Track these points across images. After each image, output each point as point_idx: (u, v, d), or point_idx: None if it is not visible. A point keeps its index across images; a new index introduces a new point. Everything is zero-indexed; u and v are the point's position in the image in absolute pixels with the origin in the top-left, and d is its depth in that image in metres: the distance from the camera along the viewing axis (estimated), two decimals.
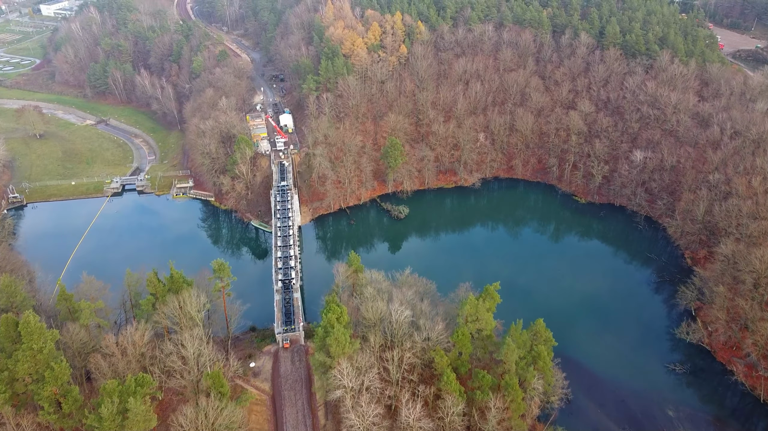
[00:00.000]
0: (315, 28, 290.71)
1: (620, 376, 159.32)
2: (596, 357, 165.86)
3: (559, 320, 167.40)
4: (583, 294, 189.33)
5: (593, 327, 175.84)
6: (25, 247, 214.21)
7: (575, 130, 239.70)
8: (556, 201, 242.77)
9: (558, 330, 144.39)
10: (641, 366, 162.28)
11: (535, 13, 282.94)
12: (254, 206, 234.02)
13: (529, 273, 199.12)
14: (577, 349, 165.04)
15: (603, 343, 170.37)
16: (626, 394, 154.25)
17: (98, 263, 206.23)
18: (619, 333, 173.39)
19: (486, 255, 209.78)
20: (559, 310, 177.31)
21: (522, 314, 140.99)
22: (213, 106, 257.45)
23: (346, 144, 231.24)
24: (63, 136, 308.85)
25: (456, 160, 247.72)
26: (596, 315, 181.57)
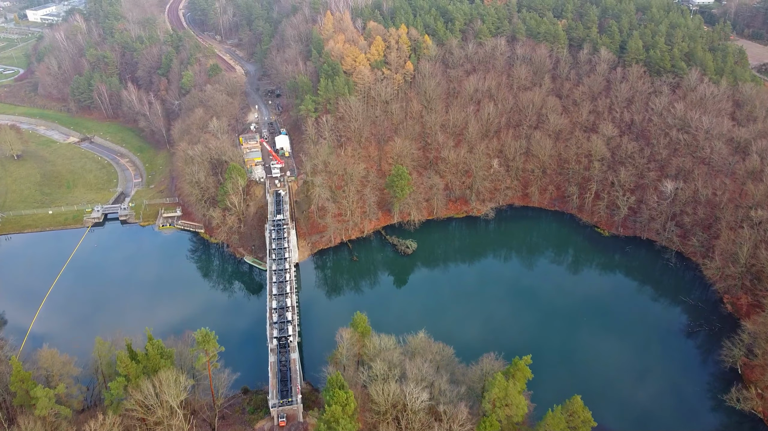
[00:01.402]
0: (313, 41, 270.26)
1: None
2: (634, 425, 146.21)
3: (586, 377, 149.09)
4: (613, 344, 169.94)
5: (628, 389, 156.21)
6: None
7: (597, 156, 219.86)
8: (577, 232, 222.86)
9: (587, 392, 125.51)
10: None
11: (550, 26, 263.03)
12: (247, 240, 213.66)
13: (552, 319, 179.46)
14: (610, 417, 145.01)
15: (640, 409, 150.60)
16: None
17: (73, 308, 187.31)
18: (658, 397, 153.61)
19: (504, 298, 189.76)
20: (586, 365, 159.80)
21: (546, 370, 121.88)
22: (203, 128, 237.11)
23: (347, 172, 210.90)
24: (43, 156, 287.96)
25: (467, 188, 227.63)
26: (629, 371, 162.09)
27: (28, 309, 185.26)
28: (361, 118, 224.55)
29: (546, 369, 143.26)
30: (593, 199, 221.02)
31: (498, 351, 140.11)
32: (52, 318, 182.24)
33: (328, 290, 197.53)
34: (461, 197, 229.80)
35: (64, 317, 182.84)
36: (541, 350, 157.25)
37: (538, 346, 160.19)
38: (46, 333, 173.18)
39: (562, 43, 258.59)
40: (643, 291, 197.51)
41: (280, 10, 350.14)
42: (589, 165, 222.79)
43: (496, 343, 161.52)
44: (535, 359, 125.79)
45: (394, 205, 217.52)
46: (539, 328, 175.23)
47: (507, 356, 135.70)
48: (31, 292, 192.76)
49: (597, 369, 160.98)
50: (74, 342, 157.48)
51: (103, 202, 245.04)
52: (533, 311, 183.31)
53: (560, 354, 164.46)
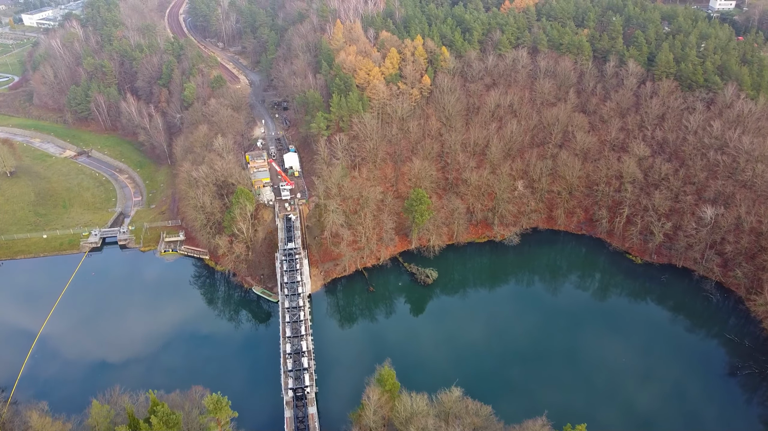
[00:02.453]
0: (322, 51, 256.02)
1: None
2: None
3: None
4: (655, 387, 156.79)
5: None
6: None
7: (629, 178, 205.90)
8: (607, 259, 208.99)
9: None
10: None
11: (573, 36, 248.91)
12: (256, 268, 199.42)
13: (587, 358, 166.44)
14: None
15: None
16: None
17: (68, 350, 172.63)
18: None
19: (535, 336, 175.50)
20: (629, 409, 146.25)
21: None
22: (207, 146, 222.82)
23: (363, 196, 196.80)
24: (38, 173, 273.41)
25: (489, 211, 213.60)
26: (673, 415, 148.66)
27: (18, 350, 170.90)
28: (377, 137, 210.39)
29: (578, 401, 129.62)
30: (624, 223, 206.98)
31: (537, 404, 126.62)
32: (44, 362, 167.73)
33: (344, 325, 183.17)
34: (482, 220, 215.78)
35: (58, 361, 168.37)
36: (580, 396, 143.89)
37: (578, 393, 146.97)
38: (37, 382, 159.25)
39: (586, 54, 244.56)
40: (681, 324, 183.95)
41: (285, 17, 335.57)
42: (620, 187, 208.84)
43: (534, 395, 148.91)
44: (563, 389, 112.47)
45: (413, 231, 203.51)
46: (574, 370, 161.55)
47: (547, 407, 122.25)
48: (22, 330, 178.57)
49: (640, 411, 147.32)
50: (69, 398, 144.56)
51: (101, 223, 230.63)
52: (567, 351, 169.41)
53: (595, 389, 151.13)
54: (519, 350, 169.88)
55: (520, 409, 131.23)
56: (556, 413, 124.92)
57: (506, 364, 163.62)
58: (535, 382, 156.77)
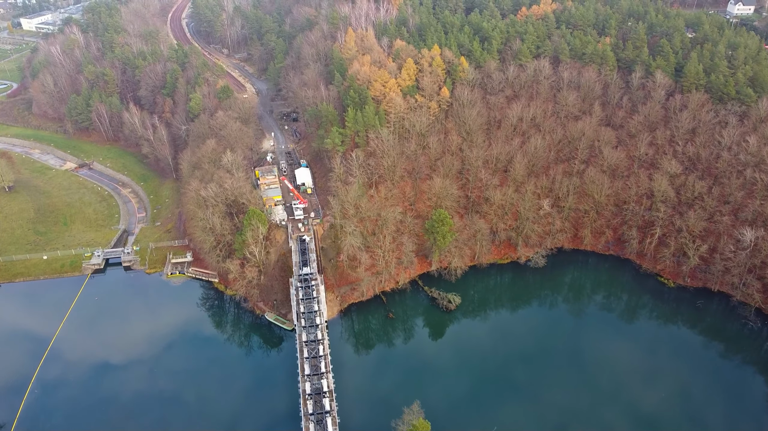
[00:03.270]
0: (334, 61, 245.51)
1: None
2: None
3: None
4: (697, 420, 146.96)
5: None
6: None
7: (661, 196, 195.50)
8: (637, 281, 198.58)
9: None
10: None
11: (596, 45, 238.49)
12: (268, 293, 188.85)
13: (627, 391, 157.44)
14: None
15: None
16: None
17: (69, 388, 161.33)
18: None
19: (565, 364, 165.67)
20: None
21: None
22: (215, 162, 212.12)
23: (382, 217, 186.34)
24: (37, 187, 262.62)
25: (513, 230, 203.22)
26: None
27: (18, 383, 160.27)
28: (394, 154, 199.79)
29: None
30: (656, 244, 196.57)
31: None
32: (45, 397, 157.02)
33: (364, 356, 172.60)
34: (505, 240, 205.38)
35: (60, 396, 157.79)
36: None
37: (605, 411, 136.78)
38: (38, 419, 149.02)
39: (610, 65, 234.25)
40: (718, 352, 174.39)
41: (292, 23, 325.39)
42: (650, 206, 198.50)
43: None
44: None
45: (434, 253, 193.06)
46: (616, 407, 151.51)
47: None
48: (23, 361, 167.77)
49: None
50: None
51: (103, 243, 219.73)
52: (606, 385, 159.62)
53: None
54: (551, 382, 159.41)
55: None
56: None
57: (539, 401, 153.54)
58: (574, 419, 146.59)
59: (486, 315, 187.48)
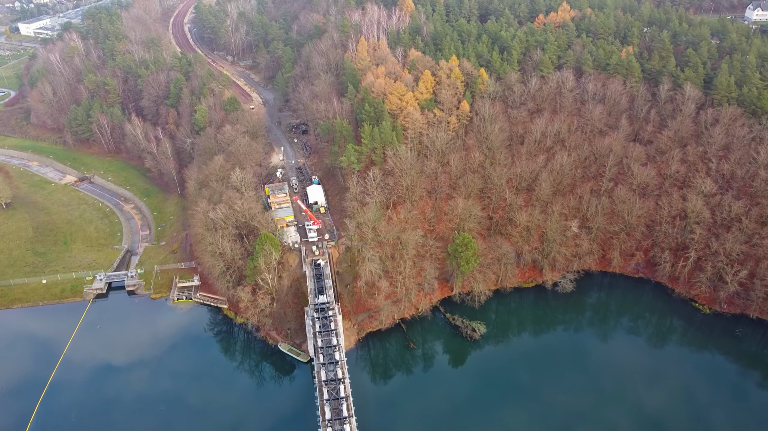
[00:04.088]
0: (347, 72, 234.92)
1: None
2: None
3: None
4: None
5: None
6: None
7: (695, 218, 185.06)
8: (670, 307, 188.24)
9: None
10: None
11: (621, 56, 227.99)
12: (281, 321, 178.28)
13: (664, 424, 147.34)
14: None
15: None
16: None
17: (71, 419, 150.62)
18: None
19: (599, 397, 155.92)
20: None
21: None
22: (224, 180, 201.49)
23: (402, 241, 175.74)
24: (36, 203, 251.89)
25: (537, 251, 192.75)
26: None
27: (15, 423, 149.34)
28: (414, 173, 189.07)
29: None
30: (691, 268, 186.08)
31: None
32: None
33: (385, 392, 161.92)
34: (530, 263, 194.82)
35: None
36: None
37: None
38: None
39: (636, 76, 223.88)
40: (758, 383, 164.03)
41: (299, 30, 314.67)
42: (684, 227, 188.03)
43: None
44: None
45: (456, 278, 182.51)
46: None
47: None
48: (18, 401, 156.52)
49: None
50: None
51: (105, 264, 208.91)
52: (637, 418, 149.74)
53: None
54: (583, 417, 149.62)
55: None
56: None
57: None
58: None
59: (512, 345, 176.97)
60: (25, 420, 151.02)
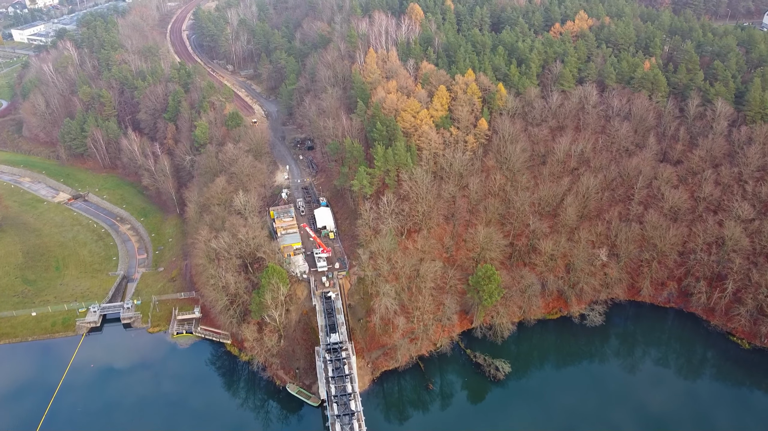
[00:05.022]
0: (355, 86, 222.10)
1: None
2: None
3: None
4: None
5: None
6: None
7: (732, 245, 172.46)
8: (706, 341, 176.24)
9: None
10: None
11: (646, 70, 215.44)
12: (289, 360, 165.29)
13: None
14: None
15: None
16: None
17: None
18: None
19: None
20: None
21: None
22: (226, 204, 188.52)
23: (420, 274, 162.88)
24: (27, 224, 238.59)
25: (561, 279, 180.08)
26: None
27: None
28: (430, 197, 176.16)
29: None
30: (728, 299, 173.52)
31: None
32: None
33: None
34: (554, 292, 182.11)
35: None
36: None
37: None
38: None
39: (662, 91, 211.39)
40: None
41: (303, 39, 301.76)
42: (720, 254, 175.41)
43: None
44: None
45: (478, 312, 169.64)
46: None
47: None
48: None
49: None
50: None
51: (100, 292, 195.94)
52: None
53: None
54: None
55: None
56: None
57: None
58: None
59: (538, 385, 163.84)
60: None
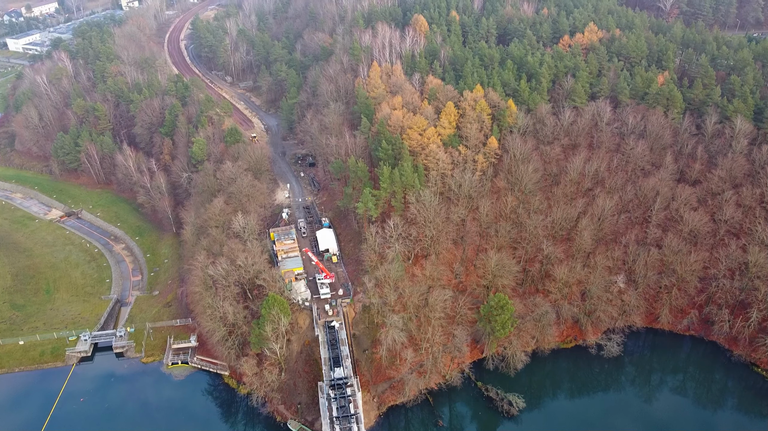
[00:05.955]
0: (359, 101, 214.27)
1: None
2: None
3: None
4: None
5: None
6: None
7: (757, 272, 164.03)
8: (729, 371, 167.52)
9: None
10: None
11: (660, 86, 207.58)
12: (291, 394, 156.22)
13: None
14: None
15: None
16: None
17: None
18: None
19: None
20: None
21: None
22: (225, 227, 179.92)
23: (429, 304, 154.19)
24: (18, 243, 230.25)
25: (576, 306, 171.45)
26: None
27: None
28: (439, 221, 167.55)
29: None
30: (753, 329, 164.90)
31: None
32: None
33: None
34: (568, 319, 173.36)
35: None
36: None
37: None
38: None
39: (678, 107, 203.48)
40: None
41: (304, 51, 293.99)
42: (743, 280, 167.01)
43: None
44: None
45: (490, 343, 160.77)
46: None
47: None
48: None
49: None
50: None
51: (92, 319, 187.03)
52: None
53: None
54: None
55: None
56: None
57: None
58: None
59: (553, 420, 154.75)
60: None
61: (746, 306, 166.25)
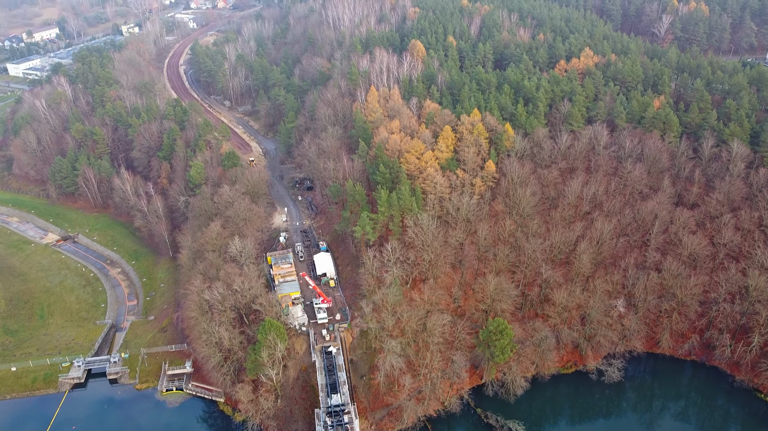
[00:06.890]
0: (357, 125, 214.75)
1: None
2: None
3: None
4: None
5: None
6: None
7: (757, 296, 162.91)
8: (730, 396, 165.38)
9: None
10: None
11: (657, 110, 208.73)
12: (287, 421, 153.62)
13: None
14: None
15: None
16: None
17: None
18: None
19: None
20: None
21: None
22: (221, 251, 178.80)
23: (428, 329, 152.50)
24: (13, 267, 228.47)
25: (576, 331, 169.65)
26: None
27: None
28: (437, 245, 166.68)
29: None
30: (755, 354, 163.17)
31: None
32: None
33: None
34: (568, 344, 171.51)
35: None
36: None
37: None
38: None
39: (675, 131, 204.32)
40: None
41: (302, 75, 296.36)
42: (743, 304, 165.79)
43: None
44: None
45: (490, 369, 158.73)
46: None
47: None
48: None
49: None
50: None
51: (86, 344, 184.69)
52: None
53: None
54: None
55: None
56: None
57: None
58: None
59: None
60: None
61: (747, 331, 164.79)
